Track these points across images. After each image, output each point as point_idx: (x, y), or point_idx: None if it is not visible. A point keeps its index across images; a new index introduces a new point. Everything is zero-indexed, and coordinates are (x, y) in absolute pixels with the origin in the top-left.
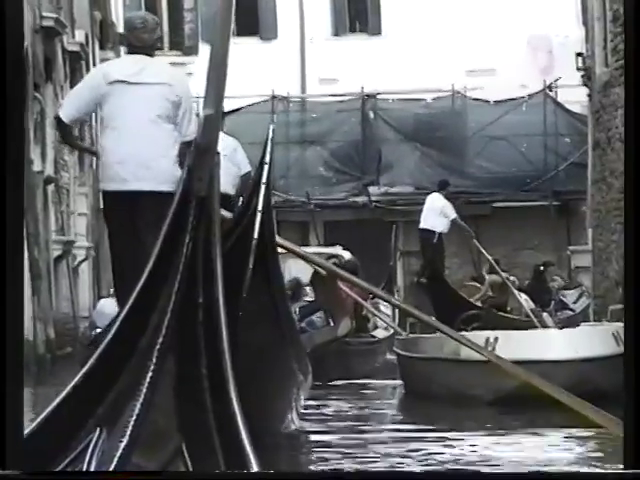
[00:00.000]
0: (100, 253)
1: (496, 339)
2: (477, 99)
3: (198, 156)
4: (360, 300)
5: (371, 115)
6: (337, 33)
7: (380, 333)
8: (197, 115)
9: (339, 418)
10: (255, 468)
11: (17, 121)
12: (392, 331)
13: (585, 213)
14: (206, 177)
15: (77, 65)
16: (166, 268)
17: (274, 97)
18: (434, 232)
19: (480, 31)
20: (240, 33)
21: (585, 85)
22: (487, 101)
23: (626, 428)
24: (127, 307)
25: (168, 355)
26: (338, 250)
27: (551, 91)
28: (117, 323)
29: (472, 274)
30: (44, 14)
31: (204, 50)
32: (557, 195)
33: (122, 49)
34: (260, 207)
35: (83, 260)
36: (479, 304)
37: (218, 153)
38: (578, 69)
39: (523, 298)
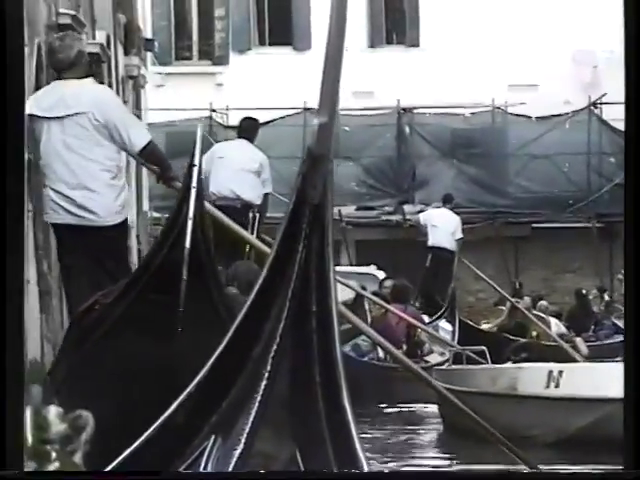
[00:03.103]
0: None
1: (560, 373)
2: (518, 115)
3: (312, 164)
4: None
5: (407, 130)
6: (373, 44)
7: (434, 358)
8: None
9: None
10: None
11: (17, 121)
12: (447, 356)
13: None
14: (320, 185)
15: (97, 69)
16: (280, 276)
17: (307, 109)
18: (449, 251)
19: (523, 44)
20: (272, 42)
21: None
22: (529, 117)
23: (626, 428)
24: (241, 315)
25: (282, 363)
26: (372, 270)
27: (596, 108)
28: (230, 331)
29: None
30: (61, 10)
31: (234, 60)
32: (600, 217)
33: (149, 56)
34: (191, 214)
35: None
36: (493, 329)
37: (332, 161)
38: None
39: (553, 323)
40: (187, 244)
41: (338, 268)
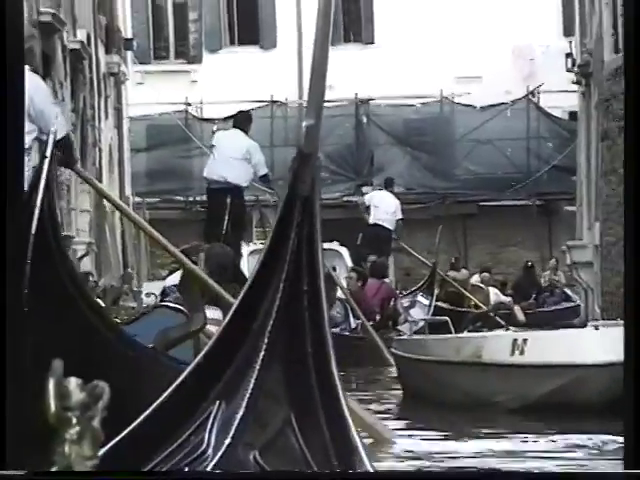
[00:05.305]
0: (102, 249)
1: (525, 341)
2: (464, 104)
3: (301, 162)
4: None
5: (364, 120)
6: (332, 43)
7: (407, 328)
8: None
9: None
10: (357, 440)
11: (17, 120)
12: (420, 325)
13: (567, 212)
14: (309, 180)
15: (78, 64)
16: (275, 261)
17: (273, 102)
18: (388, 229)
19: (467, 40)
20: (241, 42)
21: (577, 83)
22: (473, 107)
23: (626, 428)
24: (241, 295)
25: (278, 336)
26: (335, 246)
27: (534, 97)
28: (232, 309)
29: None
30: (42, 9)
31: (207, 59)
32: (539, 196)
33: (129, 55)
34: (38, 202)
35: (84, 255)
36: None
37: (319, 158)
38: (568, 70)
39: (492, 292)
40: (32, 230)
41: None
